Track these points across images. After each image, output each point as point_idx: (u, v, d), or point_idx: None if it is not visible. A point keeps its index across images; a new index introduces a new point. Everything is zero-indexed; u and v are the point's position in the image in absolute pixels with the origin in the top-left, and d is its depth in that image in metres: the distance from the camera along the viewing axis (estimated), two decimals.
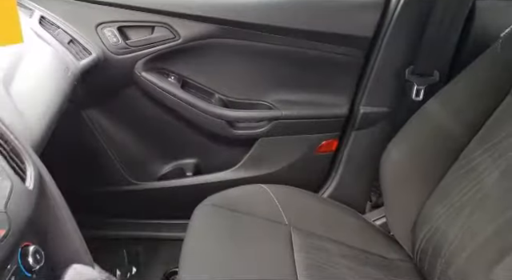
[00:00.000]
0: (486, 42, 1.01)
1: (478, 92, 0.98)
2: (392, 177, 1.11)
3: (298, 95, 1.23)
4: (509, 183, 0.82)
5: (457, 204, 0.93)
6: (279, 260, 0.96)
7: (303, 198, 1.19)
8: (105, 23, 1.09)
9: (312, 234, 1.05)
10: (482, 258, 0.76)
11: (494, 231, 0.79)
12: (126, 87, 1.17)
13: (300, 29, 1.12)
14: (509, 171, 0.84)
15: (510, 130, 0.89)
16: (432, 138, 1.04)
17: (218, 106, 1.22)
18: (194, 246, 0.98)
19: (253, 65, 1.19)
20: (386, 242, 1.11)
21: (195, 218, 1.06)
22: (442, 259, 0.90)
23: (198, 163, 1.35)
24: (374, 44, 1.15)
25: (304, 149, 1.29)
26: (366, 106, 1.22)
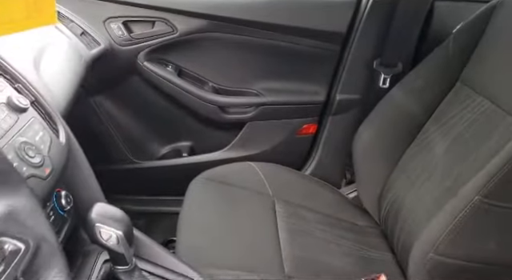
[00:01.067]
0: (442, 36, 1.15)
1: (433, 79, 1.12)
2: (362, 155, 1.24)
3: (281, 84, 1.36)
4: (451, 156, 0.96)
5: (412, 176, 1.07)
6: (264, 226, 1.08)
7: (286, 174, 1.32)
8: (111, 18, 1.21)
9: (292, 204, 1.17)
10: (423, 222, 0.89)
11: (434, 199, 0.92)
12: (129, 75, 1.29)
13: (282, 24, 1.25)
14: (452, 145, 0.98)
15: (457, 111, 1.03)
16: (395, 120, 1.17)
17: (210, 93, 1.34)
18: (190, 215, 1.10)
19: (242, 56, 1.31)
20: (357, 211, 1.24)
21: (190, 190, 1.18)
22: (398, 224, 1.03)
23: (192, 145, 1.47)
24: (348, 39, 1.28)
25: (287, 132, 1.42)
26: (340, 94, 1.35)
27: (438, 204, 0.86)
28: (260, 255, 0.98)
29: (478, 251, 0.80)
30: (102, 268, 0.71)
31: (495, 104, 0.91)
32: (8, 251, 0.36)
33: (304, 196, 1.23)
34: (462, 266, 0.81)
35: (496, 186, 0.74)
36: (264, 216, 1.11)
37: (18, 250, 0.37)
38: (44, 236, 0.40)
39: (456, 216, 0.78)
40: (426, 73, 1.14)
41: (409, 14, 1.21)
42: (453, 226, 0.78)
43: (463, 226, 0.77)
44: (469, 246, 0.80)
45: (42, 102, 0.69)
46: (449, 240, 0.79)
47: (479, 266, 0.81)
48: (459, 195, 0.79)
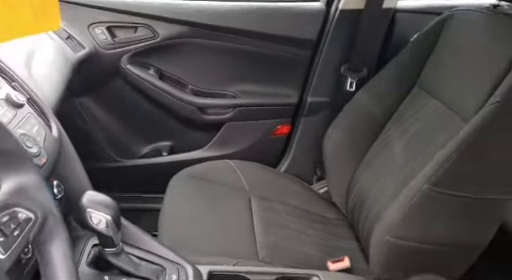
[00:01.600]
0: (402, 45, 1.25)
1: (394, 83, 1.22)
2: (331, 154, 1.33)
3: (257, 87, 1.44)
4: (407, 152, 1.06)
5: (376, 171, 1.16)
6: (241, 218, 1.15)
7: (261, 171, 1.40)
8: (96, 23, 1.27)
9: (267, 198, 1.25)
10: (382, 210, 0.98)
11: (393, 189, 1.01)
12: (112, 78, 1.35)
13: (257, 31, 1.33)
14: (409, 143, 1.08)
15: (414, 112, 1.14)
16: (360, 120, 1.27)
17: (190, 95, 1.41)
18: (171, 210, 1.15)
19: (219, 60, 1.39)
20: (326, 205, 1.33)
21: (171, 187, 1.24)
22: (363, 214, 1.12)
23: (172, 145, 1.52)
24: (317, 46, 1.37)
25: (262, 132, 1.50)
26: (311, 97, 1.44)
27: (395, 193, 0.95)
28: (237, 244, 1.05)
29: (428, 234, 0.90)
30: (91, 251, 0.78)
31: (446, 105, 1.02)
32: (22, 219, 0.42)
33: (278, 191, 1.31)
34: (415, 248, 0.91)
35: (443, 176, 0.84)
36: (241, 210, 1.18)
37: (29, 219, 0.43)
38: (50, 209, 0.46)
39: (409, 202, 0.87)
40: (387, 78, 1.24)
41: (372, 24, 1.31)
42: (406, 211, 0.87)
43: (415, 211, 0.87)
44: (420, 229, 0.90)
45: (35, 99, 0.75)
46: (403, 224, 0.89)
47: (430, 247, 0.91)
48: (411, 184, 0.89)
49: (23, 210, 0.43)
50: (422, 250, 0.91)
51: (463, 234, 0.89)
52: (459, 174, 0.85)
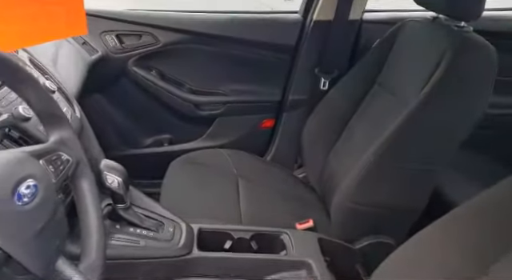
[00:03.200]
0: (367, 50, 1.44)
1: (359, 83, 1.39)
2: (308, 144, 1.50)
3: (244, 86, 1.63)
4: (365, 136, 1.24)
5: (341, 157, 1.33)
6: (229, 195, 1.32)
7: (249, 159, 1.56)
8: (107, 31, 1.46)
9: (252, 180, 1.42)
10: (342, 181, 1.16)
11: (351, 167, 1.18)
12: (120, 78, 1.53)
13: (245, 39, 1.53)
14: (367, 129, 1.26)
15: (372, 105, 1.32)
16: (331, 115, 1.44)
17: (187, 93, 1.60)
18: (170, 187, 1.33)
19: (212, 63, 1.58)
20: (303, 186, 1.50)
21: (170, 170, 1.42)
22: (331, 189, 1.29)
23: (171, 137, 1.71)
24: (296, 50, 1.57)
25: (250, 125, 1.68)
26: (292, 95, 1.63)
27: (352, 168, 1.14)
28: (224, 213, 1.22)
29: (377, 199, 1.08)
30: (104, 209, 0.95)
31: (394, 96, 1.21)
32: (64, 160, 0.60)
33: (262, 175, 1.48)
34: (367, 211, 1.09)
35: (386, 150, 1.03)
36: (229, 189, 1.35)
37: (68, 161, 0.61)
38: (81, 157, 0.64)
39: (361, 173, 1.06)
40: (353, 78, 1.42)
41: (340, 33, 1.51)
42: (359, 179, 1.06)
43: (366, 180, 1.06)
44: (371, 195, 1.08)
45: (62, 89, 0.93)
46: (357, 191, 1.08)
47: (378, 211, 1.09)
48: (363, 158, 1.07)
49: (64, 154, 0.61)
50: (373, 213, 1.10)
51: (404, 199, 1.07)
52: (399, 149, 1.04)
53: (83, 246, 0.61)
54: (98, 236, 0.62)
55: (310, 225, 1.14)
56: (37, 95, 0.59)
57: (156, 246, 0.91)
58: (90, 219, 0.62)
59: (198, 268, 0.94)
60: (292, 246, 1.01)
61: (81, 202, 0.64)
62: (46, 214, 0.52)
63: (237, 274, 0.94)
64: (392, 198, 1.08)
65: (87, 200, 0.64)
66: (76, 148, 0.64)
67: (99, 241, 0.62)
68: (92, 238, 0.62)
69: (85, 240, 0.62)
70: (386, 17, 1.58)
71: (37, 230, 0.49)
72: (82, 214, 0.63)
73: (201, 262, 0.94)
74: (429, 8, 1.17)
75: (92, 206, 0.64)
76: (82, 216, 0.63)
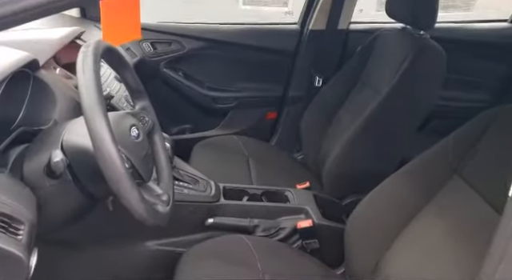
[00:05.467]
0: (353, 53, 1.76)
1: (346, 81, 1.71)
2: (305, 132, 1.81)
3: (252, 84, 1.95)
4: (350, 122, 1.55)
5: (334, 139, 1.62)
6: (241, 169, 1.59)
7: (257, 144, 1.86)
8: (144, 40, 1.79)
9: (260, 159, 1.72)
10: (330, 153, 1.49)
11: (338, 141, 1.50)
12: (154, 77, 1.85)
13: (253, 45, 1.86)
14: (351, 117, 1.56)
15: (356, 99, 1.63)
16: (323, 107, 1.75)
17: (206, 89, 1.92)
18: (195, 166, 1.62)
19: (226, 65, 1.90)
20: (301, 164, 1.81)
21: (194, 152, 1.71)
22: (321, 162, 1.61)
23: (192, 127, 2.02)
24: (295, 55, 1.90)
25: (257, 116, 2.00)
26: (291, 91, 1.96)
27: (339, 145, 1.45)
28: (238, 179, 1.51)
29: (356, 164, 1.40)
30: None
31: (372, 88, 1.53)
32: (145, 120, 0.92)
33: (267, 155, 1.79)
34: (350, 174, 1.41)
35: (364, 125, 1.35)
36: (241, 165, 1.65)
37: (149, 121, 0.93)
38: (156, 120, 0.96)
39: (344, 147, 1.38)
40: (342, 77, 1.73)
41: (332, 39, 1.84)
42: (343, 146, 1.38)
43: (348, 151, 1.38)
44: (352, 162, 1.40)
45: None
46: (342, 158, 1.39)
47: (357, 174, 1.40)
48: (347, 136, 1.39)
49: (146, 116, 0.93)
50: (354, 177, 1.41)
51: (378, 165, 1.38)
52: (373, 127, 1.36)
53: (159, 176, 0.92)
54: (168, 169, 0.94)
55: (307, 185, 1.45)
56: (131, 76, 0.91)
57: (195, 194, 1.22)
58: (161, 159, 0.94)
59: (225, 211, 1.24)
60: (294, 199, 1.32)
61: (155, 149, 0.95)
62: (146, 147, 0.83)
63: (252, 216, 1.25)
64: (368, 164, 1.40)
65: (159, 147, 0.95)
66: (152, 113, 0.96)
67: (169, 172, 0.93)
68: (164, 171, 0.93)
69: (160, 172, 0.93)
70: (366, 27, 1.92)
71: (143, 154, 0.81)
72: (156, 155, 0.94)
73: (226, 207, 1.25)
74: (397, 20, 1.50)
75: (162, 152, 0.95)
76: (156, 157, 0.94)
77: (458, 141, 0.98)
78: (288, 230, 1.22)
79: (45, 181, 0.71)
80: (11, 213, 0.59)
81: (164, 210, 0.80)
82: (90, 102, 0.64)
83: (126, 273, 1.15)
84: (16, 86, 0.82)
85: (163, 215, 0.79)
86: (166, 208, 0.82)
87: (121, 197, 0.67)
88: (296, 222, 1.23)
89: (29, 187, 0.70)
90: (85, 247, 1.10)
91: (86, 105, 0.64)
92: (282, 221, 1.25)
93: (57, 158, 0.67)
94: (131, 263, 1.15)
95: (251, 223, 1.23)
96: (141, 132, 0.84)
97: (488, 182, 0.86)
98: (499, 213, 0.78)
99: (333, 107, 1.72)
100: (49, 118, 0.85)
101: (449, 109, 1.86)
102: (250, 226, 1.22)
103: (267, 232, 1.23)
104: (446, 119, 1.76)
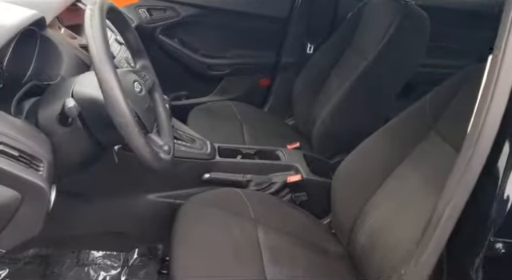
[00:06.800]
0: (343, 21, 1.81)
1: (336, 47, 1.77)
2: (296, 97, 1.89)
3: (246, 51, 2.01)
4: (337, 86, 1.61)
5: (322, 103, 1.72)
6: (236, 135, 1.69)
7: (251, 109, 1.93)
8: (140, 6, 1.82)
9: (253, 124, 1.80)
10: (321, 113, 1.57)
11: (328, 102, 1.59)
12: (150, 44, 1.87)
13: (247, 12, 1.90)
14: (340, 83, 1.63)
15: (344, 64, 1.70)
16: (314, 73, 1.82)
17: (201, 56, 1.96)
18: (192, 128, 1.71)
19: (221, 32, 1.95)
20: (291, 131, 1.89)
21: (190, 116, 1.78)
22: (313, 126, 1.69)
23: (188, 93, 2.08)
24: (288, 22, 1.94)
25: (251, 83, 2.06)
26: (284, 58, 2.01)
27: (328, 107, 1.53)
28: (233, 141, 1.59)
29: (344, 125, 1.49)
30: None
31: (359, 54, 1.59)
32: (146, 78, 0.98)
33: (260, 120, 1.87)
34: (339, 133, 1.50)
35: (354, 85, 1.44)
36: (235, 129, 1.73)
37: (150, 79, 0.99)
38: (155, 79, 1.02)
39: (332, 108, 1.46)
40: (332, 43, 1.80)
41: (323, 7, 1.89)
42: (334, 105, 1.47)
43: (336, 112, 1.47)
44: (340, 122, 1.49)
45: None
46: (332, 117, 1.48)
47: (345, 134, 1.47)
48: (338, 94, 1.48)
49: (146, 74, 0.99)
50: (342, 136, 1.50)
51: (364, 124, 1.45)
52: (359, 89, 1.44)
53: (160, 129, 1.00)
54: (168, 123, 1.01)
55: (297, 145, 1.54)
56: (133, 36, 0.97)
57: (191, 151, 1.29)
58: (161, 114, 1.01)
59: (220, 168, 1.32)
60: (284, 157, 1.41)
61: (156, 105, 1.02)
62: (147, 100, 0.90)
63: (246, 172, 1.33)
64: (355, 125, 1.48)
65: (159, 103, 1.02)
66: (152, 72, 1.03)
67: (169, 126, 1.00)
68: (164, 125, 1.00)
69: (160, 126, 1.00)
70: None
71: (146, 107, 0.88)
72: (157, 111, 1.01)
73: (221, 164, 1.33)
74: None
75: (162, 107, 1.02)
76: (157, 112, 1.01)
77: (434, 99, 1.06)
78: (279, 184, 1.32)
79: (58, 128, 0.78)
80: (31, 151, 0.67)
81: (166, 158, 0.88)
82: (99, 53, 0.71)
83: (130, 222, 1.25)
84: (24, 43, 0.87)
85: (166, 162, 0.86)
86: (167, 156, 0.89)
87: (129, 141, 0.74)
88: (286, 177, 1.32)
89: (43, 134, 0.77)
90: (91, 198, 1.18)
91: (95, 56, 0.71)
92: (274, 176, 1.34)
93: (70, 104, 0.73)
94: (134, 213, 1.24)
95: (244, 178, 1.31)
96: (143, 87, 0.90)
97: (460, 134, 0.94)
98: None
99: (323, 73, 1.79)
100: (56, 74, 0.91)
101: (433, 75, 1.93)
102: (243, 181, 1.31)
103: (259, 186, 1.32)
104: (430, 86, 1.83)
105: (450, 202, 0.60)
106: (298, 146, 1.54)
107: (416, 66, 1.44)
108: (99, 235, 1.23)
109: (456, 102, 1.00)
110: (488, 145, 0.58)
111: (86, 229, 1.22)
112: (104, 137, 0.85)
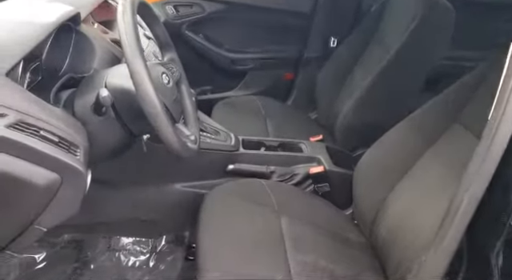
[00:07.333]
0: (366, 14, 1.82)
1: (360, 39, 1.77)
2: (320, 91, 1.90)
3: (270, 46, 2.03)
4: (361, 79, 1.61)
5: (344, 97, 1.72)
6: (259, 127, 1.72)
7: (274, 103, 1.96)
8: (167, 3, 1.87)
9: (276, 118, 1.82)
10: (344, 106, 1.57)
11: (353, 102, 1.59)
12: (175, 39, 1.92)
13: (271, 7, 1.93)
14: (363, 76, 1.63)
15: (368, 57, 1.70)
16: (338, 67, 1.82)
17: (225, 51, 2.00)
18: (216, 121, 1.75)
19: (245, 28, 1.98)
20: (315, 123, 1.91)
21: (214, 110, 1.83)
22: (336, 119, 1.70)
23: (212, 88, 2.12)
24: (311, 17, 1.95)
25: (274, 78, 2.09)
26: (307, 52, 2.03)
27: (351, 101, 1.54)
28: (257, 134, 1.62)
29: (367, 119, 1.49)
30: None
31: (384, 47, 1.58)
32: (174, 70, 1.02)
33: (284, 114, 1.90)
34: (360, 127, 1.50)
35: (377, 79, 1.43)
36: (258, 123, 1.76)
37: (175, 71, 1.03)
38: (182, 72, 1.06)
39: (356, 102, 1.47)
40: (356, 37, 1.79)
41: (346, 0, 1.88)
42: (357, 98, 1.48)
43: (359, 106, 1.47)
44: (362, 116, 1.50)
45: None
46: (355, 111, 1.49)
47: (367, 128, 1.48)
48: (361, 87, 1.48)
49: (174, 67, 1.03)
50: (364, 130, 1.50)
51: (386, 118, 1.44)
52: (382, 83, 1.43)
53: (186, 120, 1.04)
54: (194, 115, 1.05)
55: (320, 138, 1.55)
56: (161, 30, 1.01)
57: (216, 143, 1.33)
58: (188, 105, 1.05)
59: (244, 160, 1.36)
60: (307, 150, 1.43)
61: (183, 97, 1.06)
62: (175, 92, 0.94)
63: (269, 164, 1.36)
64: (378, 118, 1.48)
65: (185, 95, 1.07)
66: (179, 65, 1.07)
67: (195, 117, 1.05)
68: (191, 116, 1.05)
69: (187, 117, 1.04)
70: None
71: (173, 98, 0.92)
72: (183, 102, 1.05)
73: (245, 156, 1.36)
74: None
75: (189, 99, 1.07)
76: (183, 104, 1.05)
77: (458, 90, 1.05)
78: (301, 175, 1.34)
79: (93, 117, 0.83)
80: (69, 138, 0.72)
81: (193, 147, 0.92)
82: (131, 47, 0.75)
83: (157, 210, 1.30)
84: (61, 37, 0.93)
85: (192, 151, 0.90)
86: (194, 145, 0.93)
87: (158, 130, 0.78)
88: (309, 168, 1.34)
89: (79, 122, 0.82)
90: (121, 186, 1.24)
91: (127, 49, 0.75)
92: (296, 168, 1.36)
93: (104, 93, 0.78)
94: (161, 202, 1.29)
95: (268, 170, 1.34)
96: (171, 79, 0.94)
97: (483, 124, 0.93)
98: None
99: (347, 67, 1.79)
100: (90, 67, 0.96)
101: (458, 69, 1.90)
102: (266, 172, 1.34)
103: (282, 177, 1.34)
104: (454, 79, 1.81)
105: (470, 188, 0.61)
106: (321, 139, 1.55)
107: (440, 58, 1.43)
108: (129, 222, 1.29)
109: (480, 93, 1.00)
110: (508, 132, 0.58)
111: (116, 216, 1.28)
112: (135, 126, 0.89)
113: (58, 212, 0.68)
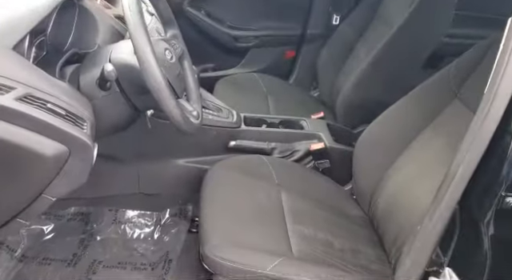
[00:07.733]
0: None
1: (362, 17, 1.77)
2: (321, 68, 1.92)
3: (272, 23, 2.01)
4: (364, 55, 1.62)
5: (347, 74, 1.72)
6: (261, 104, 1.73)
7: (275, 81, 1.97)
8: None
9: (278, 94, 1.84)
10: (346, 83, 1.58)
11: (352, 73, 1.60)
12: (178, 15, 1.90)
13: None
14: (366, 49, 1.64)
15: (371, 33, 1.70)
16: (340, 44, 1.83)
17: (227, 28, 1.99)
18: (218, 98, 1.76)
19: (247, 4, 1.97)
20: (315, 100, 1.92)
21: (216, 87, 1.83)
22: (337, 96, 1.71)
23: (215, 65, 2.12)
24: None
25: (277, 55, 2.08)
26: (309, 29, 2.01)
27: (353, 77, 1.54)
28: (258, 110, 1.63)
29: (368, 96, 1.51)
30: None
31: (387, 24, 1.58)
32: (176, 46, 1.03)
33: (285, 92, 1.91)
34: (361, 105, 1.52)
35: (378, 56, 1.44)
36: (260, 100, 1.77)
37: (178, 48, 1.04)
38: (184, 48, 1.07)
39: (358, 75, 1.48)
40: (359, 13, 1.80)
41: None
42: (358, 77, 1.49)
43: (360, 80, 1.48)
44: (364, 93, 1.50)
45: None
46: (356, 88, 1.49)
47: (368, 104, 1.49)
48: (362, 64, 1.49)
49: (176, 43, 1.04)
50: (365, 107, 1.51)
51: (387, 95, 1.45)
52: (384, 59, 1.44)
53: (189, 96, 1.06)
54: (196, 91, 1.07)
55: (321, 115, 1.57)
56: (164, 7, 1.02)
57: (219, 119, 1.35)
58: (190, 81, 1.07)
59: (245, 136, 1.38)
60: (308, 126, 1.45)
61: (185, 73, 1.07)
62: (178, 68, 0.96)
63: (270, 140, 1.38)
64: (379, 95, 1.49)
65: (188, 71, 1.08)
66: (182, 42, 1.08)
67: (197, 93, 1.06)
68: (193, 92, 1.06)
69: (189, 93, 1.06)
70: None
71: (176, 73, 0.93)
72: (186, 78, 1.07)
73: (247, 133, 1.38)
74: None
75: (191, 75, 1.08)
76: (186, 80, 1.07)
77: (458, 67, 1.06)
78: (302, 151, 1.36)
79: (98, 92, 0.85)
80: (76, 111, 0.74)
81: (195, 122, 0.94)
82: (134, 23, 0.76)
83: (161, 184, 1.33)
84: (65, 13, 0.93)
85: (195, 125, 0.93)
86: (196, 121, 0.95)
87: (161, 103, 0.80)
88: (310, 145, 1.36)
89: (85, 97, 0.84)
90: (126, 161, 1.27)
91: (131, 25, 0.76)
92: (297, 144, 1.38)
93: (109, 68, 0.80)
94: (165, 176, 1.33)
95: (269, 146, 1.37)
96: (173, 55, 0.95)
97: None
98: None
99: (349, 44, 1.79)
100: (93, 43, 0.98)
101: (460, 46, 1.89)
102: (267, 149, 1.36)
103: (283, 154, 1.37)
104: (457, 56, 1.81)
105: (464, 159, 0.63)
106: (322, 116, 1.57)
107: (442, 35, 1.43)
108: (134, 196, 1.32)
109: (480, 70, 1.01)
110: (502, 105, 0.60)
111: (121, 190, 1.31)
112: (139, 101, 0.91)
113: (66, 183, 0.71)
